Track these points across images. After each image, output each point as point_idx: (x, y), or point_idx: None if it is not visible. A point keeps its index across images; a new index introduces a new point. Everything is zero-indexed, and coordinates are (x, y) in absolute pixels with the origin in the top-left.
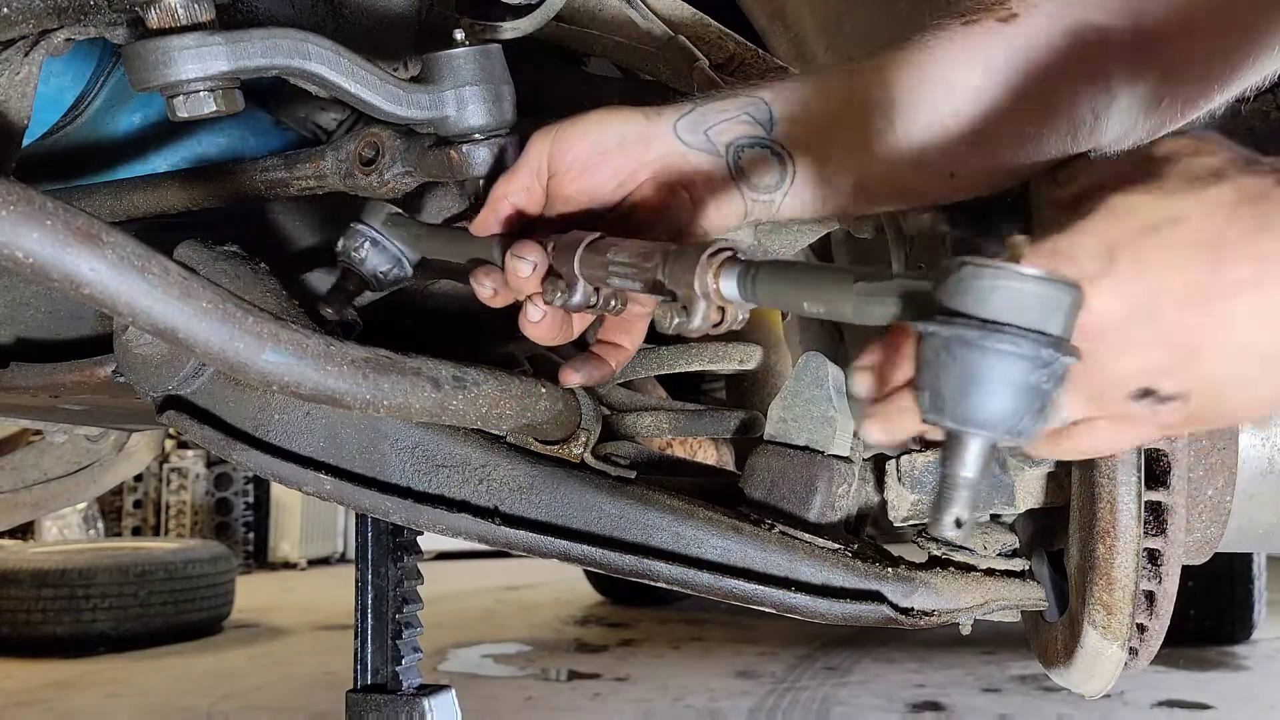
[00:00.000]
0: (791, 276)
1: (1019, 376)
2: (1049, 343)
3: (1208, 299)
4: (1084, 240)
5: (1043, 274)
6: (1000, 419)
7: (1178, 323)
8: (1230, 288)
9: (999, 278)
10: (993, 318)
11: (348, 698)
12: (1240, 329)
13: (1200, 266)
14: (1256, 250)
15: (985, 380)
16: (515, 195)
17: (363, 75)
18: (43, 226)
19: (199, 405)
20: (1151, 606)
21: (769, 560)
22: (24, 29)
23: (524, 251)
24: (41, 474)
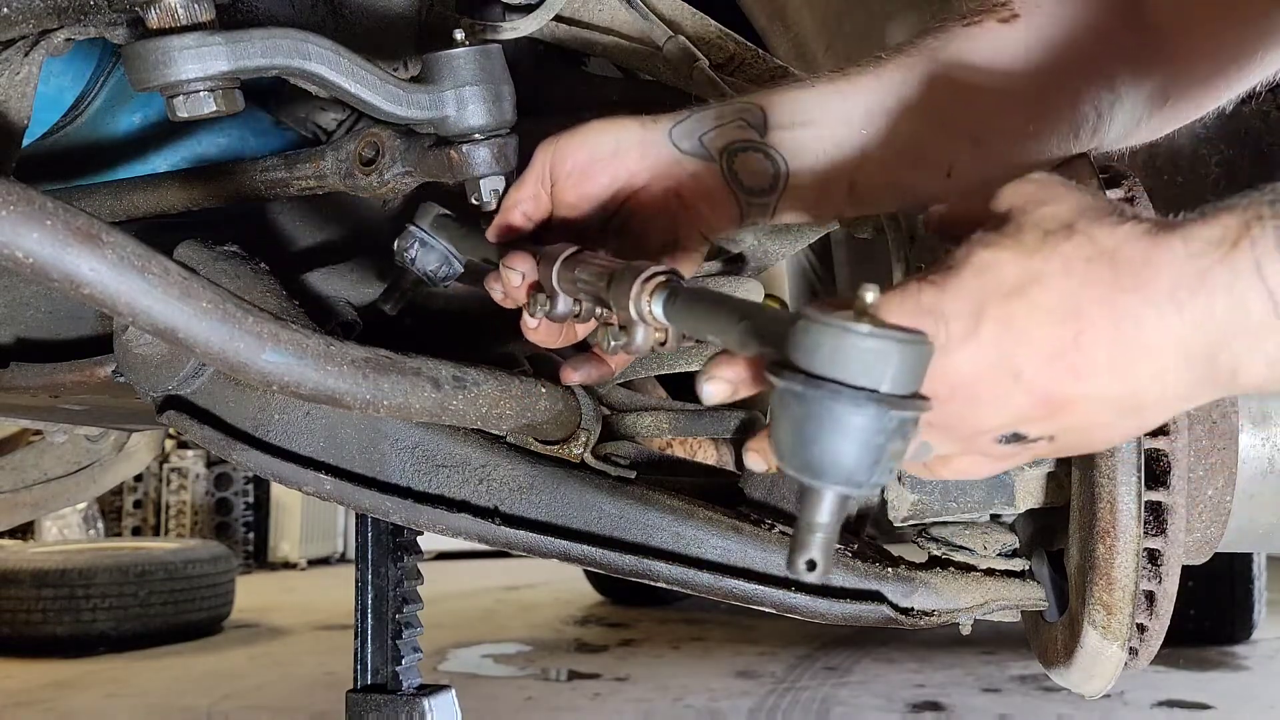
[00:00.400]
0: (702, 305)
1: (851, 432)
2: (878, 399)
3: (1068, 359)
4: (952, 302)
5: (873, 331)
6: (836, 472)
7: (1040, 380)
8: (1088, 348)
9: (829, 335)
10: (825, 374)
11: (348, 698)
12: (1099, 383)
13: (1061, 332)
14: (1112, 313)
15: (818, 434)
16: (524, 203)
17: (363, 75)
18: (43, 226)
19: (199, 405)
20: (1151, 606)
21: (769, 560)
22: (24, 29)
23: (513, 262)
24: (41, 474)
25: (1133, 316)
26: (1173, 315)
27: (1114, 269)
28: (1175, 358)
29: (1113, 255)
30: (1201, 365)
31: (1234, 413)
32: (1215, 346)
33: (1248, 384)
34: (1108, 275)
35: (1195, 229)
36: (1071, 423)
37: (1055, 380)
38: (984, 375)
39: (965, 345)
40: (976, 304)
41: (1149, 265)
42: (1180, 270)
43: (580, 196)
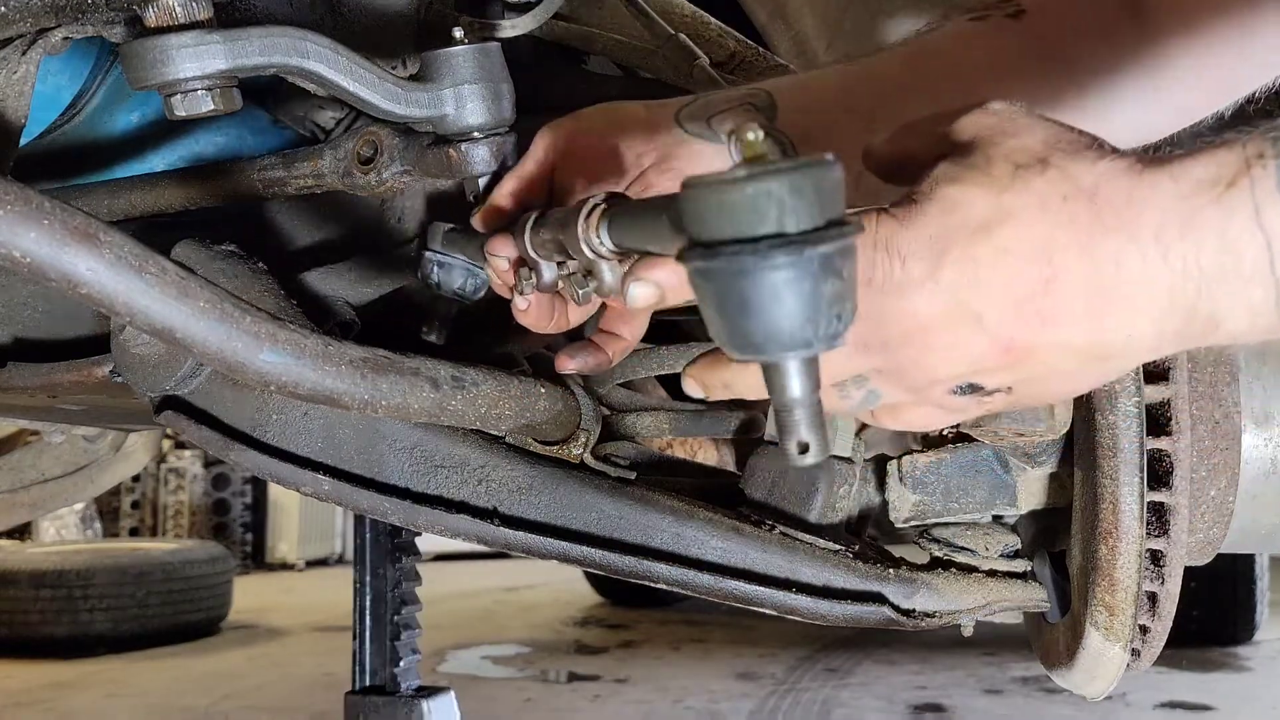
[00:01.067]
0: (636, 215)
1: (774, 289)
2: (784, 244)
3: (1036, 305)
4: (912, 240)
5: (753, 173)
6: (781, 337)
7: (1004, 328)
8: (1060, 293)
9: (709, 195)
10: (722, 238)
11: (346, 699)
12: (1065, 331)
13: (1030, 276)
14: (1090, 255)
15: (744, 305)
16: (519, 191)
17: (361, 73)
18: (40, 226)
19: (197, 405)
20: (1154, 607)
21: (770, 561)
22: (21, 27)
23: (497, 249)
24: (39, 474)
25: (1113, 259)
26: (1157, 259)
27: (1093, 207)
28: (1154, 304)
29: (1092, 193)
30: (1180, 314)
31: (1236, 413)
32: (1198, 295)
33: (1226, 335)
34: (1086, 214)
35: (1187, 166)
36: (1032, 372)
37: (1020, 327)
38: (941, 320)
39: (922, 287)
40: (939, 243)
41: (1132, 204)
42: (1168, 210)
43: (584, 181)
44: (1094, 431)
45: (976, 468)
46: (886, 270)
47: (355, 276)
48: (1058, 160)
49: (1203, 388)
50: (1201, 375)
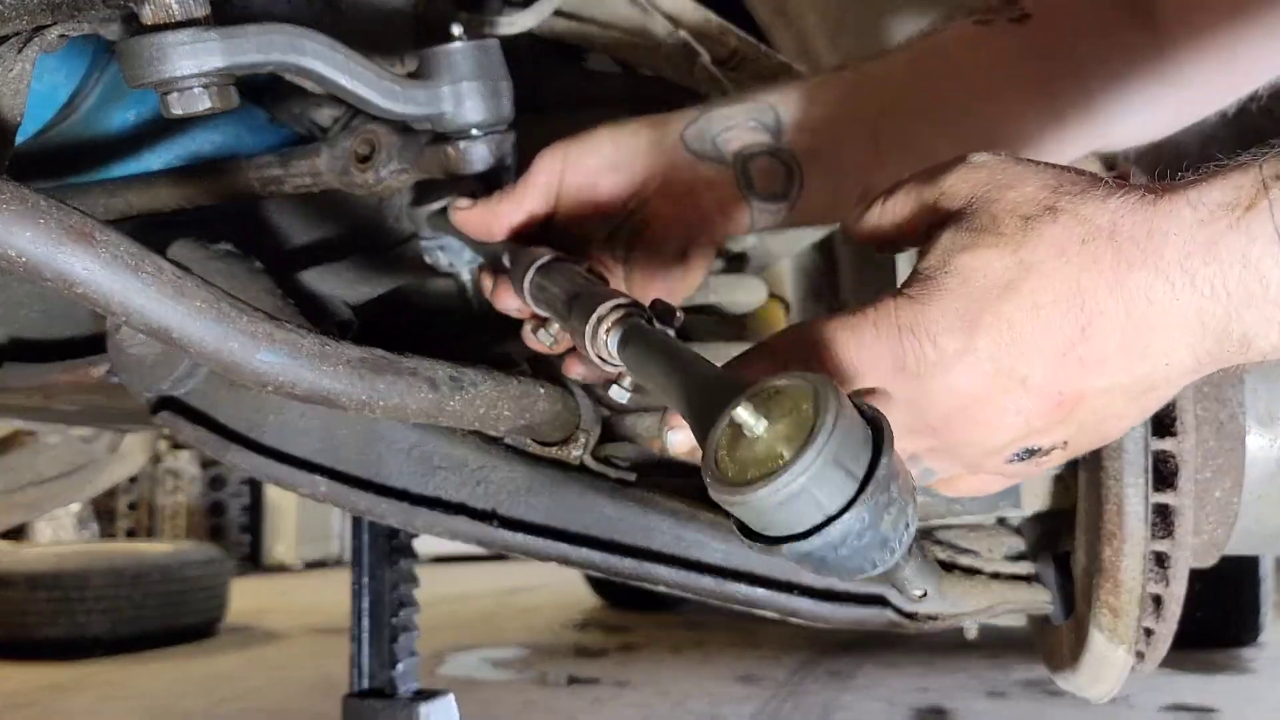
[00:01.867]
0: (651, 356)
1: (847, 553)
2: (820, 537)
3: (1076, 353)
4: (939, 315)
5: (778, 488)
6: (873, 567)
7: (1051, 383)
8: (1097, 337)
9: (749, 511)
10: (780, 535)
11: (344, 702)
12: (1110, 372)
13: (1067, 325)
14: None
15: (827, 566)
16: (517, 215)
17: (359, 71)
18: (36, 225)
19: (193, 406)
20: (1158, 610)
21: (771, 563)
22: (17, 25)
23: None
24: (35, 475)
25: (1144, 294)
26: (1185, 286)
27: (1115, 245)
28: (1189, 331)
29: (1111, 231)
30: (1213, 337)
31: (1241, 414)
32: (1227, 318)
33: (1259, 353)
34: (1109, 254)
35: (1204, 191)
36: (1084, 420)
37: (1066, 378)
38: (987, 390)
39: (961, 360)
40: (967, 314)
41: (1153, 236)
42: (1189, 238)
43: (590, 205)
44: None
45: None
46: (919, 354)
47: (353, 276)
48: (1066, 204)
49: (1208, 389)
50: (1206, 376)
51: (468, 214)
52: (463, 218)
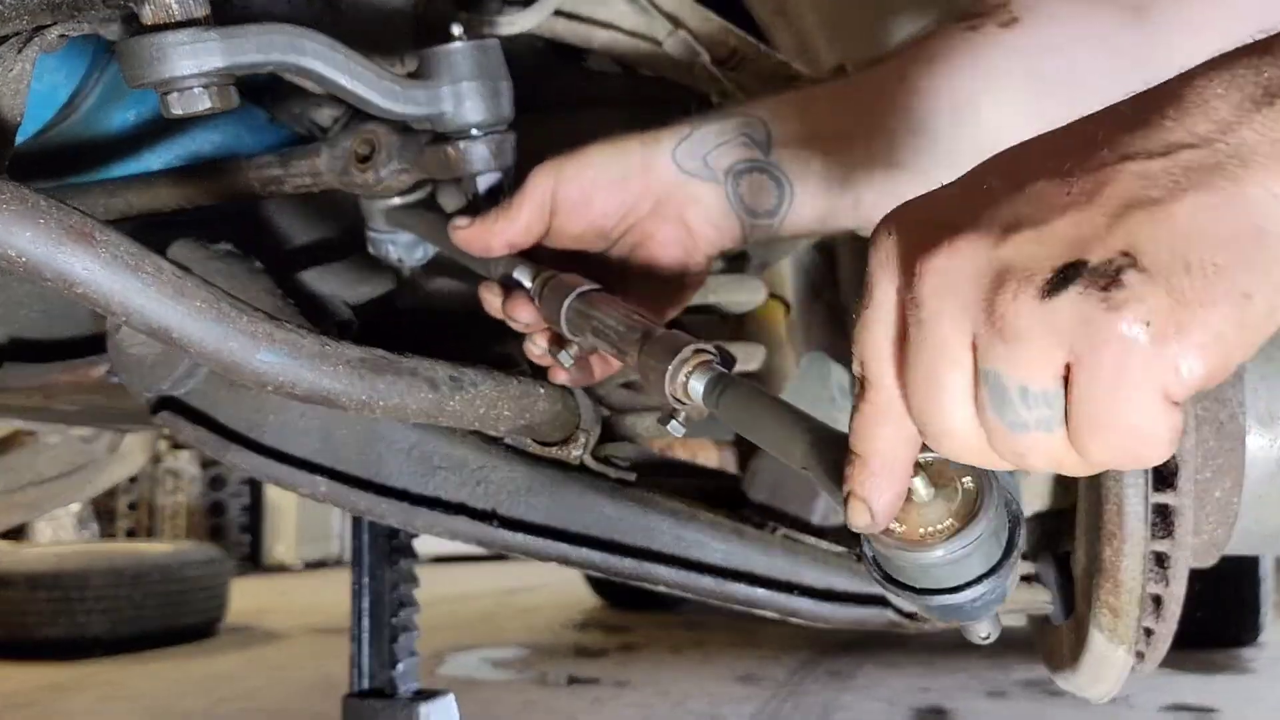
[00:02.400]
0: (756, 410)
1: (984, 604)
2: (991, 575)
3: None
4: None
5: (952, 551)
6: (979, 616)
7: (1092, 144)
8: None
9: (918, 563)
10: (933, 588)
11: (344, 702)
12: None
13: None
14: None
15: (960, 614)
16: (511, 232)
17: (359, 71)
18: (36, 225)
19: (193, 406)
20: (1158, 610)
21: (772, 564)
22: (17, 25)
23: (516, 313)
24: (35, 475)
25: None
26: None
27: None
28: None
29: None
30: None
31: (1241, 414)
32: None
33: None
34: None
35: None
36: (1125, 205)
37: (1070, 156)
38: (1041, 150)
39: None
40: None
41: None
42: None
43: (585, 224)
44: None
45: None
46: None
47: (353, 276)
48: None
49: (1208, 389)
50: None
51: (466, 232)
52: (461, 236)
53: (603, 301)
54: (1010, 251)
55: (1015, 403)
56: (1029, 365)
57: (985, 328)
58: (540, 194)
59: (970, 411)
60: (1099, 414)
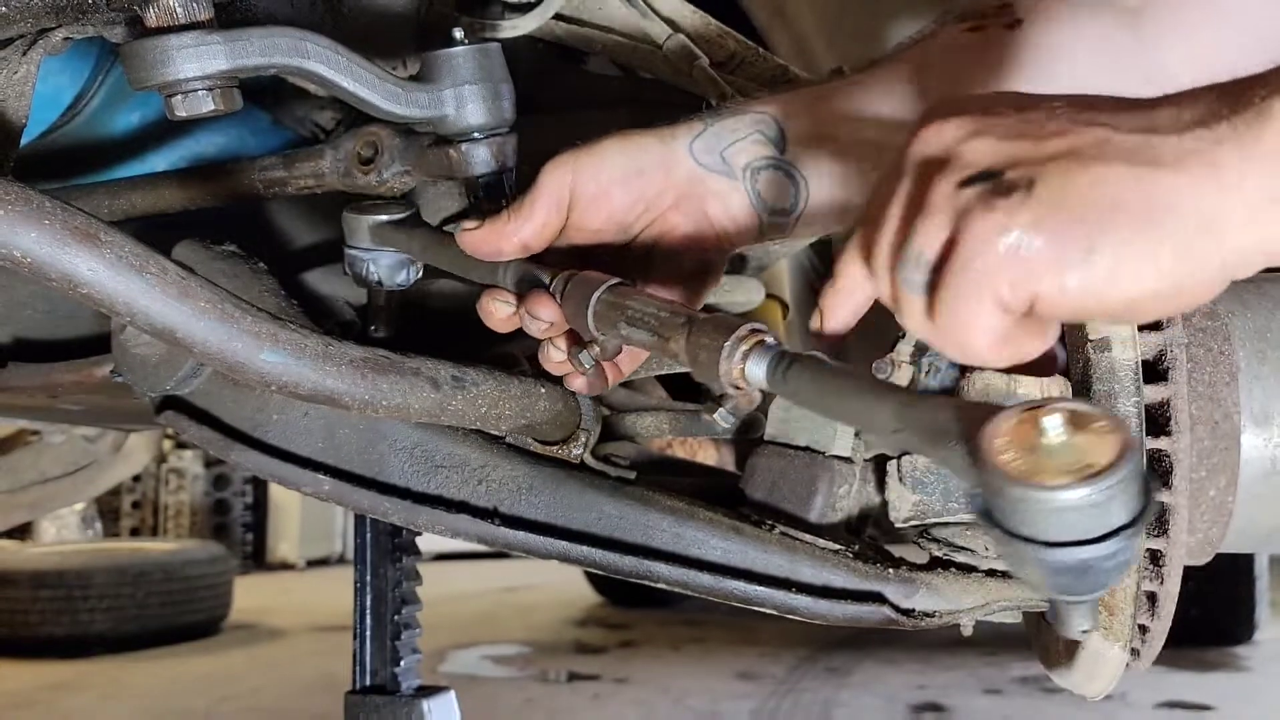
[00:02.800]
0: (829, 381)
1: (1113, 568)
2: (1122, 532)
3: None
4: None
5: (1094, 491)
6: (1084, 592)
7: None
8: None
9: (1048, 504)
10: (1060, 540)
11: (346, 699)
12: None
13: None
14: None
15: (1061, 577)
16: (525, 231)
17: (361, 74)
18: (40, 226)
19: (197, 405)
20: (1153, 607)
21: (770, 561)
22: (22, 28)
23: (538, 311)
24: (39, 474)
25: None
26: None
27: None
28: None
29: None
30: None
31: (1236, 413)
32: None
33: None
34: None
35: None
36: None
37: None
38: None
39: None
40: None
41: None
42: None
43: (604, 219)
44: None
45: None
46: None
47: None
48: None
49: (1202, 388)
50: (1201, 375)
51: (475, 234)
52: (471, 239)
53: (634, 293)
54: (971, 146)
55: (910, 262)
56: (927, 234)
57: (918, 197)
58: (556, 190)
59: (891, 254)
60: (946, 288)
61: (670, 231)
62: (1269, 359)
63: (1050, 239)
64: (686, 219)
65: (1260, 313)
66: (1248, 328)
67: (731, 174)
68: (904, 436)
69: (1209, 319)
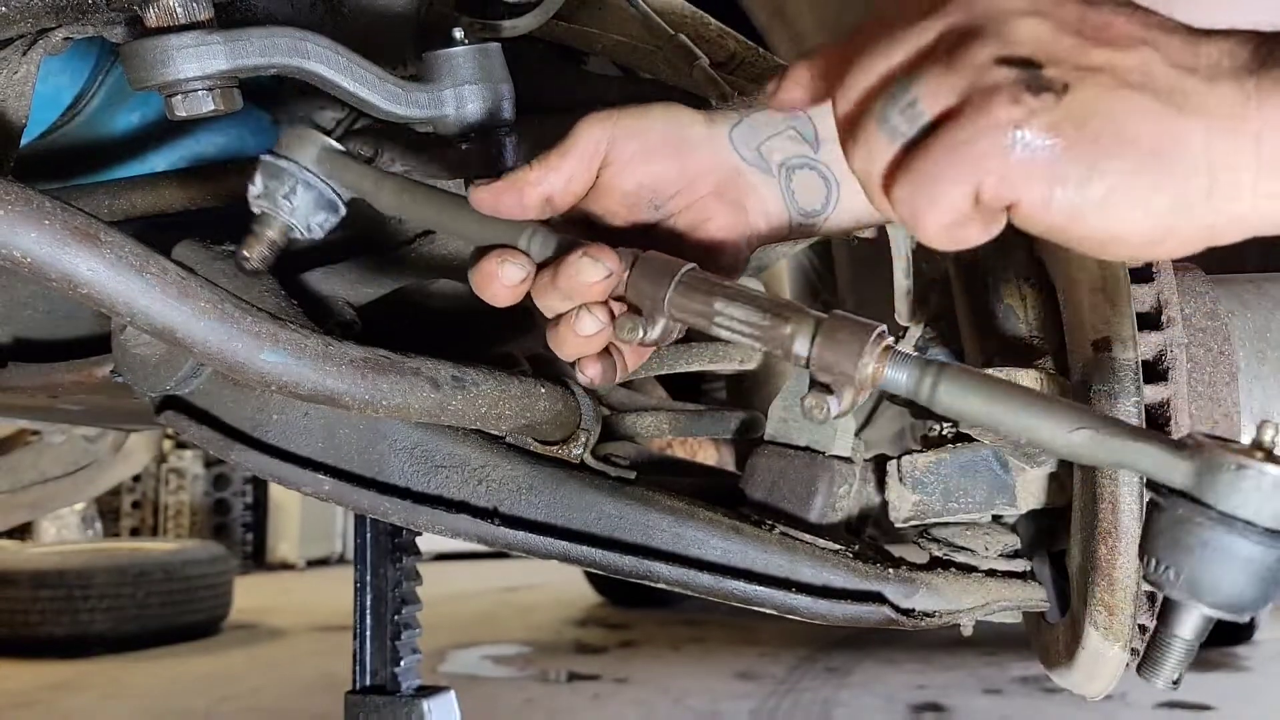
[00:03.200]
0: (988, 391)
1: (1253, 569)
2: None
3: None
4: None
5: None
6: (1231, 601)
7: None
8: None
9: (1246, 478)
10: (1234, 513)
11: (346, 699)
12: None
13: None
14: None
15: (1214, 564)
16: (552, 183)
17: (361, 74)
18: (41, 226)
19: (197, 405)
20: (1153, 607)
21: (770, 561)
22: (22, 28)
23: (602, 254)
24: (39, 474)
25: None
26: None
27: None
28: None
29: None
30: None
31: (1236, 413)
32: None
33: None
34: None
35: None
36: (1099, 77)
37: (1124, 17)
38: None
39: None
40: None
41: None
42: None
43: (639, 183)
44: None
45: (976, 467)
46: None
47: (355, 277)
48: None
49: (1202, 388)
50: (1201, 376)
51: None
52: (486, 192)
53: (715, 285)
54: (1025, 24)
55: (897, 103)
56: (935, 89)
57: (944, 51)
58: (591, 142)
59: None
60: (930, 155)
61: (706, 220)
62: (1269, 359)
63: (1059, 149)
64: (725, 209)
65: (1260, 313)
66: (1248, 328)
67: (768, 170)
68: (1083, 445)
69: (1209, 319)
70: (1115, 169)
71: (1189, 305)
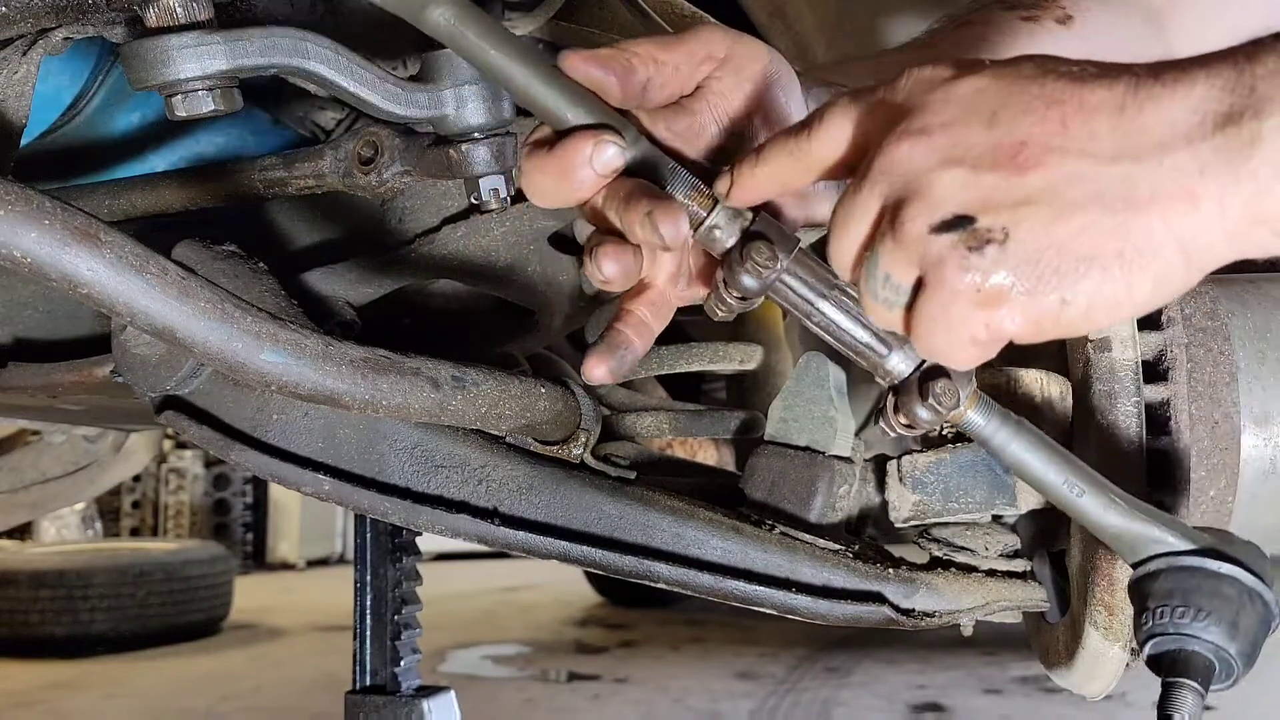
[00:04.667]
0: (1047, 454)
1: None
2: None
3: (1062, 113)
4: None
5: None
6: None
7: (1017, 127)
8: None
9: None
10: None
11: (346, 699)
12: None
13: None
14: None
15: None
16: (655, 64)
17: (361, 74)
18: (41, 226)
19: (197, 405)
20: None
21: (770, 561)
22: (22, 28)
23: (675, 228)
24: (39, 474)
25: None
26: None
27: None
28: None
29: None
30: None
31: (1236, 413)
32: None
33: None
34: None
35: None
36: (1039, 198)
37: (1037, 129)
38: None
39: (938, 87)
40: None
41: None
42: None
43: (735, 101)
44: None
45: (976, 468)
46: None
47: (356, 277)
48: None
49: (1202, 388)
50: (1201, 375)
51: (596, 55)
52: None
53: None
54: (942, 180)
55: (877, 279)
56: (895, 264)
57: (887, 224)
58: (706, 49)
59: (855, 259)
60: (923, 323)
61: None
62: (1269, 359)
63: (1026, 292)
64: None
65: (1260, 313)
66: (1248, 328)
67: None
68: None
69: (1209, 319)
70: (1085, 288)
71: (1189, 305)
